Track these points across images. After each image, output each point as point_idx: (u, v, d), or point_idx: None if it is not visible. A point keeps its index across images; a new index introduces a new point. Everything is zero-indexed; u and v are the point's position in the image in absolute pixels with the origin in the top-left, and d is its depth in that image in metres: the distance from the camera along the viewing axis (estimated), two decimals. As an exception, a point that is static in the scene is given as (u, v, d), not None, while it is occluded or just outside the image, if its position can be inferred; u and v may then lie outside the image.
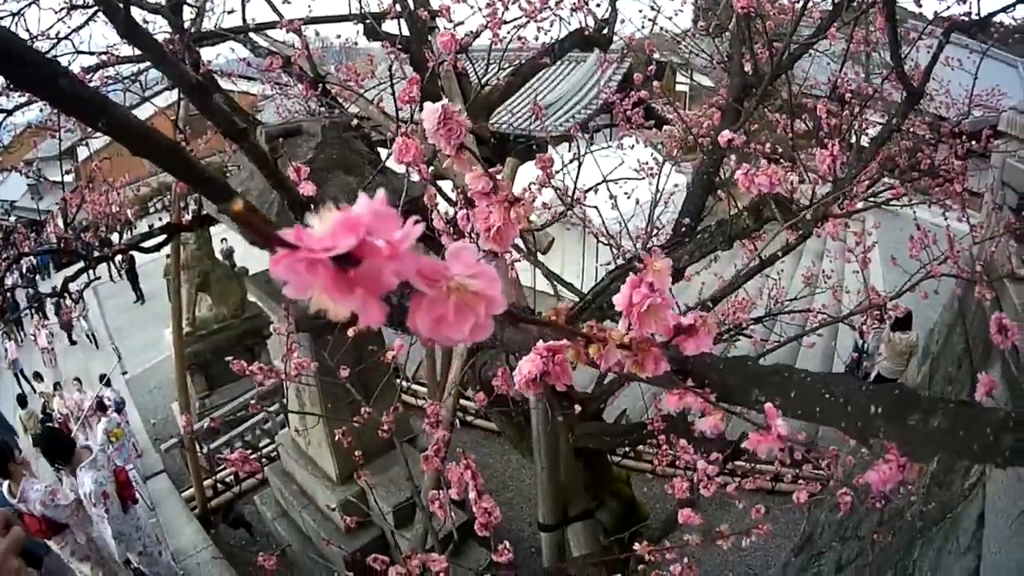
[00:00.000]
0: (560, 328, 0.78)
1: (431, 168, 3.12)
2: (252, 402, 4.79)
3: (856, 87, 5.42)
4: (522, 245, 3.55)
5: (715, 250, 2.71)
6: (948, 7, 4.66)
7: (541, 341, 0.82)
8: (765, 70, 3.22)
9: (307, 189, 1.99)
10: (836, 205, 2.60)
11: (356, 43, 7.57)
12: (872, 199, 3.80)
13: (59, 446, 5.30)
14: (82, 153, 10.73)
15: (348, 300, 0.41)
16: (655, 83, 4.01)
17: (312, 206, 4.13)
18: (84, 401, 9.76)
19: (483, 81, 3.95)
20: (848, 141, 3.81)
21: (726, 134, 2.03)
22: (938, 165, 5.28)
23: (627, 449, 7.99)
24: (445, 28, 4.03)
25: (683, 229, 3.34)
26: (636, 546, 1.96)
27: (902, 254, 4.34)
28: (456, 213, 1.93)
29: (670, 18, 5.69)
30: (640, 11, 6.42)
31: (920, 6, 5.11)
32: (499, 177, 3.09)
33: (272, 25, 5.28)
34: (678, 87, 22.94)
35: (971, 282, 4.44)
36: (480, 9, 3.92)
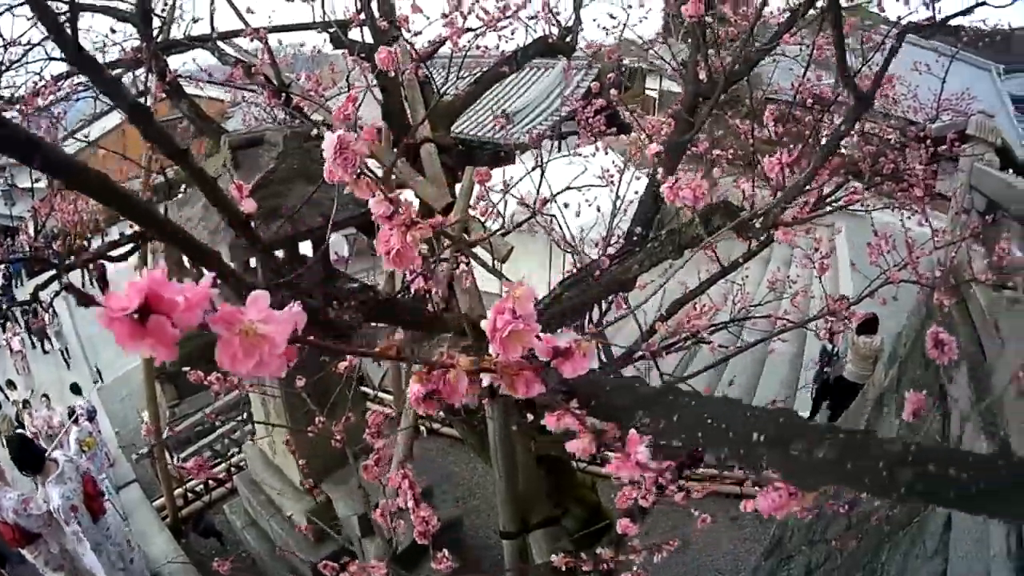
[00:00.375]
0: (391, 358, 0.79)
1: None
2: (207, 412, 4.79)
3: (819, 91, 5.44)
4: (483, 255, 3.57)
5: (665, 259, 2.72)
6: (912, 12, 4.71)
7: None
8: (720, 78, 3.23)
9: (248, 206, 1.97)
10: (787, 213, 2.61)
11: (319, 51, 7.55)
12: (831, 203, 3.81)
13: (28, 455, 5.30)
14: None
15: (140, 346, 0.54)
16: (612, 92, 4.02)
17: (269, 216, 4.12)
18: (53, 417, 9.65)
19: (444, 90, 3.94)
20: (811, 146, 3.81)
21: (652, 147, 2.04)
22: (902, 170, 5.31)
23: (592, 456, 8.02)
24: (405, 39, 4.02)
25: (635, 238, 3.34)
26: (554, 558, 1.96)
27: (865, 259, 4.36)
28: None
29: (634, 27, 5.68)
30: (594, 19, 6.40)
31: (883, 11, 5.15)
32: (458, 186, 3.11)
33: (238, 33, 5.27)
34: (648, 92, 23.10)
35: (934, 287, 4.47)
36: (439, 19, 3.92)
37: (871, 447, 0.79)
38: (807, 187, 2.70)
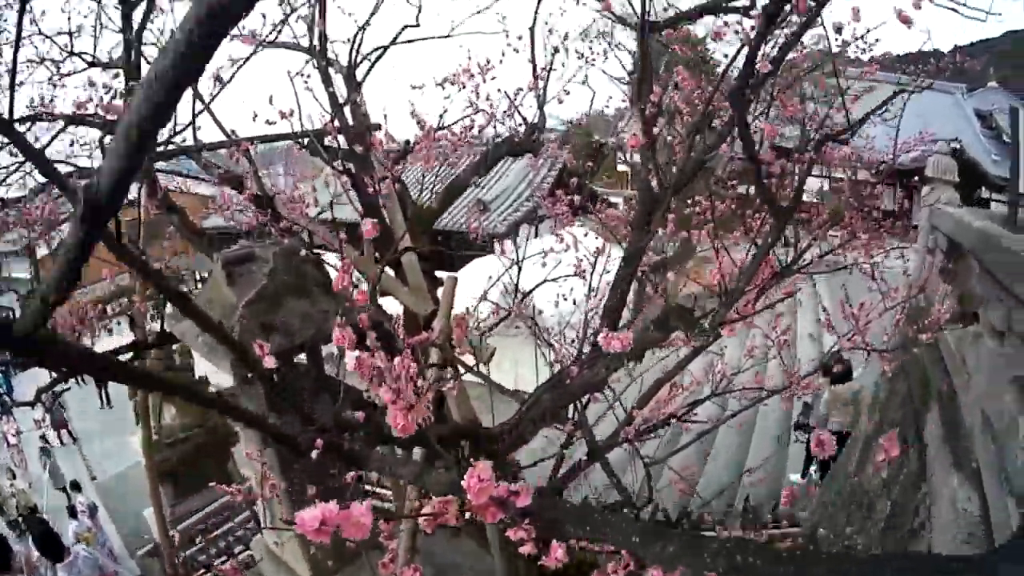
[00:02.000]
0: (414, 517, 1.24)
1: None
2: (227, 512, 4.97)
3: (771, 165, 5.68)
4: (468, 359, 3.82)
5: (630, 361, 2.97)
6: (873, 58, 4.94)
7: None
8: (669, 188, 3.50)
9: (269, 363, 2.23)
10: (732, 311, 2.86)
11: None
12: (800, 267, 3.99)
13: (52, 543, 5.60)
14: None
15: (320, 538, 1.13)
16: (576, 197, 4.28)
17: (264, 331, 4.36)
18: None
19: (420, 201, 4.22)
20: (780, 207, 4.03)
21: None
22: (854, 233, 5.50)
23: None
24: (378, 158, 4.31)
25: (602, 339, 3.58)
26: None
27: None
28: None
29: (606, 107, 6.00)
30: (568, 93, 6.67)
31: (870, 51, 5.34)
32: (439, 293, 3.43)
33: (222, 145, 5.53)
34: (619, 167, 23.68)
35: (911, 328, 4.65)
36: (409, 140, 4.19)
37: (701, 544, 1.24)
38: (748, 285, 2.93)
